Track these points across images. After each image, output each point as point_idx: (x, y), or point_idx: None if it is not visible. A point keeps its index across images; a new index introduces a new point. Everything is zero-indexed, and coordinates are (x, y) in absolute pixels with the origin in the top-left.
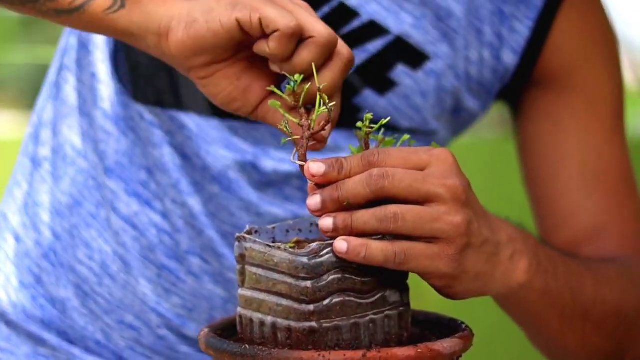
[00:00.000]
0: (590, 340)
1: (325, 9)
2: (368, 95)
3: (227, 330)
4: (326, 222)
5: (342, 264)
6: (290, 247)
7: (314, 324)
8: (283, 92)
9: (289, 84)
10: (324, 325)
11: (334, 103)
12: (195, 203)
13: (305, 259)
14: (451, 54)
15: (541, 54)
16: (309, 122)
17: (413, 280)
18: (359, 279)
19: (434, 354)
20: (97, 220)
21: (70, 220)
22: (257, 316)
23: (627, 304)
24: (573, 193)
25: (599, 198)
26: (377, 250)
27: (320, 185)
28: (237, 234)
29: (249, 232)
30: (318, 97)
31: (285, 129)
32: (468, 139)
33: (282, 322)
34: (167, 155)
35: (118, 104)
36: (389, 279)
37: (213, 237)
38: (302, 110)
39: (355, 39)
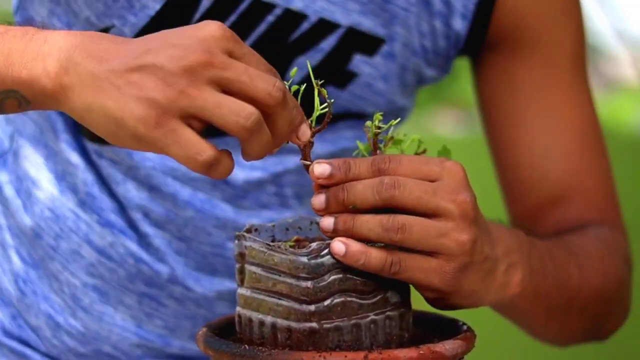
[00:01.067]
0: (573, 325)
1: (270, 17)
2: (329, 92)
3: (225, 330)
4: (327, 222)
5: (344, 264)
6: (290, 246)
7: (314, 324)
8: None
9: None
10: (325, 326)
11: (332, 101)
12: (165, 235)
13: (305, 259)
14: (404, 33)
15: (492, 16)
16: (310, 120)
17: None
18: (360, 279)
19: (437, 356)
20: (58, 252)
21: (36, 250)
22: (256, 316)
23: (609, 284)
24: (535, 158)
25: (562, 161)
26: (375, 259)
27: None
28: (237, 233)
29: (249, 230)
30: (316, 94)
31: None
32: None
33: (282, 322)
34: (132, 191)
35: (76, 139)
36: (391, 279)
37: (188, 265)
38: (300, 109)
39: (307, 41)
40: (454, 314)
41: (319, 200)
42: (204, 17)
